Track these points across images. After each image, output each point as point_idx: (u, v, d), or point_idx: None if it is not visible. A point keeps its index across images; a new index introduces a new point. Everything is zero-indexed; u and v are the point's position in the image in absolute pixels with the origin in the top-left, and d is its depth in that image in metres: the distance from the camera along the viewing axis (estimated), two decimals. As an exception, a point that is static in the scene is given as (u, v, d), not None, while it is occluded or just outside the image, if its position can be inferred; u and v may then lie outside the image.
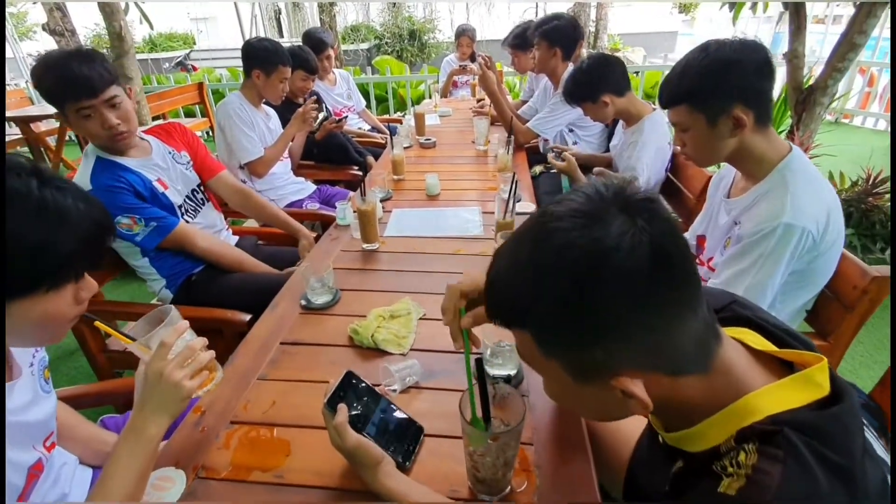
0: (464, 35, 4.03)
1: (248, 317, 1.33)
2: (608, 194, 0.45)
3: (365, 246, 1.47)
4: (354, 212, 1.52)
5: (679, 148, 1.15)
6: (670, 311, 0.44)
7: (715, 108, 1.02)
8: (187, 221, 1.54)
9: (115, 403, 1.35)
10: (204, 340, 0.77)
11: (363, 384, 0.77)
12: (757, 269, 1.01)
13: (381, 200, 1.82)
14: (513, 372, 0.91)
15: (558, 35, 2.30)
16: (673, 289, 0.44)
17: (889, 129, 3.75)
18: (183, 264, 1.55)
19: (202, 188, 1.63)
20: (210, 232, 1.63)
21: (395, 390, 0.88)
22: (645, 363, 0.45)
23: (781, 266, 1.00)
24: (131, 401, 0.75)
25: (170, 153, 1.54)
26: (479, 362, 0.68)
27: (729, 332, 0.52)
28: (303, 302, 1.18)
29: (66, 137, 4.40)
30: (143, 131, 1.52)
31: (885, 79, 4.85)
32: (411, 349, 1.01)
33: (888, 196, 2.46)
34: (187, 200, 1.56)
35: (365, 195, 1.42)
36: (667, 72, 4.17)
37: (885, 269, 1.04)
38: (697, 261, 1.38)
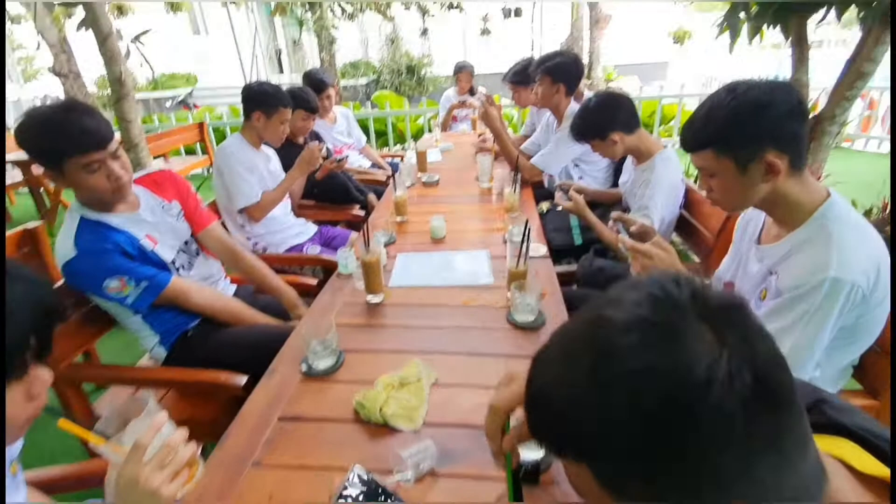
0: (463, 71, 4.06)
1: (242, 380, 1.23)
2: (682, 297, 0.36)
3: (369, 298, 1.38)
4: (357, 259, 1.45)
5: (705, 193, 1.08)
6: (778, 457, 0.34)
7: (745, 154, 0.95)
8: (182, 275, 1.46)
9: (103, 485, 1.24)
10: (184, 434, 0.68)
11: (374, 482, 0.67)
12: (802, 328, 0.92)
13: (385, 245, 1.75)
14: (540, 455, 0.81)
15: (561, 71, 2.28)
16: (781, 427, 0.34)
17: (890, 150, 3.72)
18: (178, 319, 1.45)
19: (195, 239, 1.55)
20: (207, 284, 1.54)
21: (408, 480, 0.78)
22: None
23: (829, 324, 0.91)
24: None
25: (159, 205, 1.47)
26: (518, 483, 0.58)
27: (822, 444, 0.42)
28: (303, 367, 1.09)
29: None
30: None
31: (886, 102, 4.86)
32: (424, 423, 0.91)
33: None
34: (180, 253, 1.48)
35: (369, 244, 1.34)
36: (664, 101, 4.16)
37: (941, 322, 0.95)
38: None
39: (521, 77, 2.89)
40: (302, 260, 2.06)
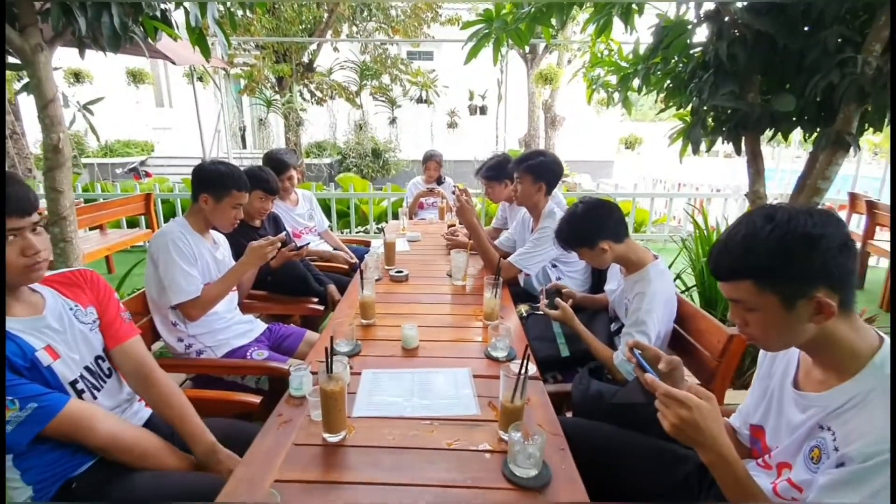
0: (431, 160, 4.07)
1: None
2: None
3: (327, 437, 1.09)
4: (314, 373, 1.17)
5: (738, 328, 0.92)
6: None
7: (792, 290, 0.81)
8: (87, 398, 1.12)
9: None
10: None
11: None
12: (883, 505, 0.73)
13: (349, 356, 1.48)
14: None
15: (543, 171, 2.24)
16: None
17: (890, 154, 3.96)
18: (62, 462, 1.08)
19: (107, 354, 1.23)
20: (116, 413, 1.20)
21: None
22: None
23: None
24: None
25: (70, 309, 1.17)
26: None
27: None
28: (228, 562, 0.77)
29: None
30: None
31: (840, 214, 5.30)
32: None
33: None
34: (86, 373, 1.15)
35: (331, 368, 1.08)
36: (618, 199, 4.29)
37: None
38: (752, 453, 1.11)
39: (494, 173, 2.86)
40: (245, 368, 1.73)
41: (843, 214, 4.85)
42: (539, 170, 2.22)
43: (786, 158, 10.39)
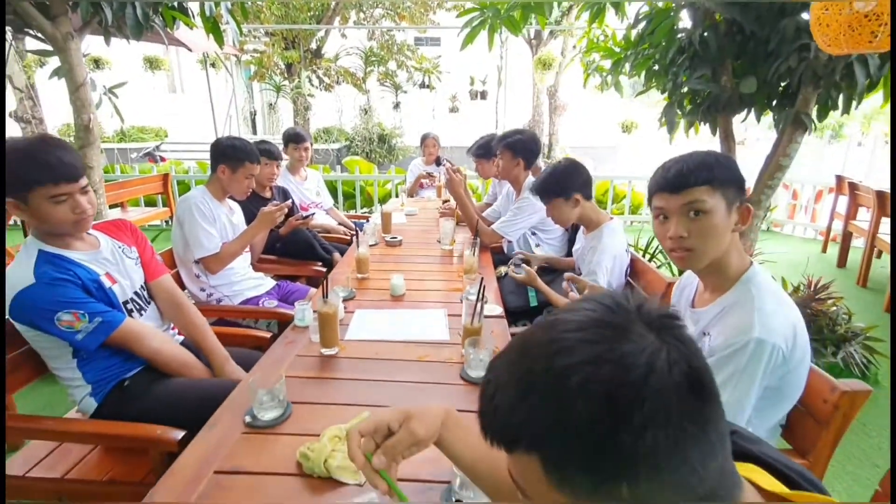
0: (428, 138, 4.30)
1: (179, 434, 1.16)
2: (630, 307, 0.41)
3: (323, 351, 1.36)
4: (314, 312, 1.44)
5: (672, 244, 1.07)
6: (704, 444, 0.38)
7: (732, 196, 1.02)
8: (135, 317, 1.41)
9: None
10: None
11: None
12: (732, 387, 0.98)
13: (344, 300, 1.75)
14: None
15: (521, 147, 2.47)
16: (707, 417, 0.39)
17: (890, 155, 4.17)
18: (116, 367, 1.37)
19: (147, 287, 1.52)
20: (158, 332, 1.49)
21: (348, 535, 0.75)
22: None
23: (756, 383, 0.98)
24: None
25: (119, 247, 1.46)
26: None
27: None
28: (247, 419, 1.05)
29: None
30: (92, 226, 1.43)
31: (808, 194, 5.47)
32: (369, 478, 0.88)
33: (830, 301, 2.61)
34: (135, 297, 1.44)
35: (327, 296, 1.35)
36: (616, 182, 4.45)
37: (853, 384, 1.04)
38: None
39: (483, 151, 3.10)
40: (257, 313, 2.02)
41: (831, 197, 5.01)
42: (517, 146, 2.46)
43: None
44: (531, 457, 0.41)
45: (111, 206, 5.12)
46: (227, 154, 2.04)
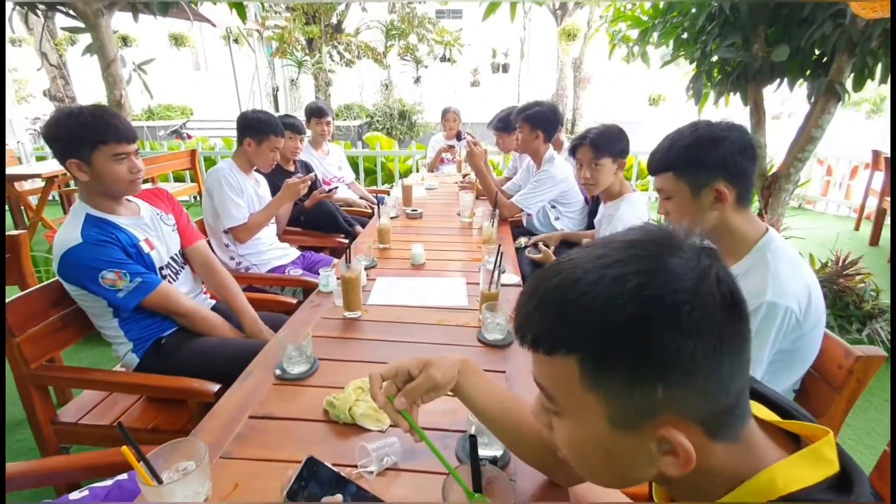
0: (449, 113, 4.28)
1: (216, 387, 1.25)
2: (676, 231, 0.45)
3: (347, 314, 1.43)
4: (338, 278, 1.51)
5: (662, 217, 1.18)
6: (735, 360, 0.42)
7: (699, 180, 1.06)
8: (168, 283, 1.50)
9: (57, 483, 1.22)
10: None
11: (328, 470, 0.70)
12: (744, 348, 1.00)
13: (366, 269, 1.81)
14: (499, 453, 0.86)
15: (540, 119, 2.45)
16: (743, 336, 0.43)
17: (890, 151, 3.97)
18: (153, 327, 1.47)
19: (182, 253, 1.61)
20: (189, 297, 1.58)
21: (371, 472, 0.81)
22: (695, 414, 0.42)
23: (768, 345, 0.99)
24: (74, 481, 0.68)
25: (157, 214, 1.54)
26: (473, 439, 0.64)
27: None
28: (277, 371, 1.12)
29: (49, 197, 4.38)
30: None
31: (843, 169, 5.25)
32: (391, 425, 0.95)
33: (859, 278, 2.55)
34: (171, 261, 1.53)
35: (350, 262, 1.41)
36: (641, 157, 4.36)
37: (868, 349, 1.04)
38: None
39: (504, 124, 3.08)
40: (283, 281, 2.10)
41: (867, 172, 4.81)
42: (536, 118, 2.44)
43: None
44: (569, 359, 0.43)
45: (143, 182, 5.33)
46: (253, 127, 2.10)
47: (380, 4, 11.05)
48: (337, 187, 2.90)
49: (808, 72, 2.69)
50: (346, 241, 2.65)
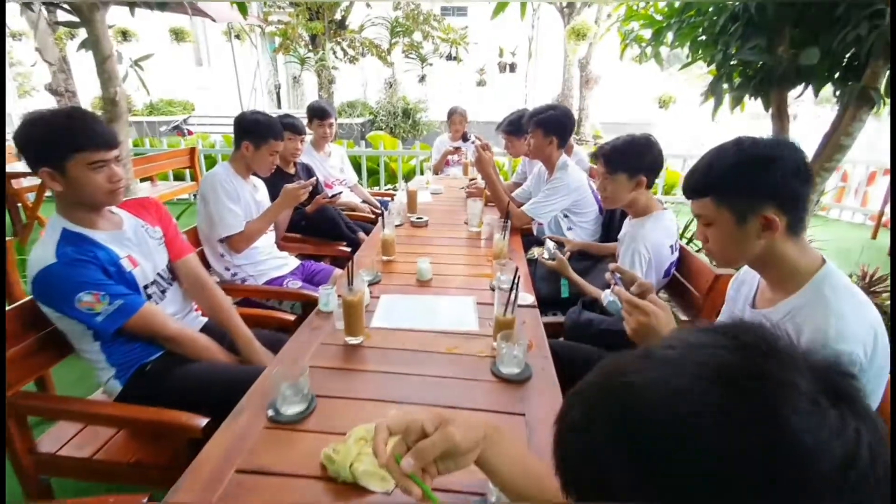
0: (455, 114, 4.15)
1: (203, 422, 1.14)
2: (781, 345, 0.31)
3: (348, 339, 1.31)
4: (339, 295, 1.39)
5: (702, 243, 1.06)
6: None
7: (744, 206, 0.93)
8: (154, 302, 1.38)
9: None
10: None
11: None
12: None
13: (370, 284, 1.69)
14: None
15: (553, 124, 2.33)
16: None
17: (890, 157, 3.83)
18: (137, 351, 1.36)
19: (170, 267, 1.49)
20: (177, 317, 1.46)
21: (375, 552, 0.69)
22: None
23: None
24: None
25: (142, 227, 1.42)
26: None
27: None
28: (270, 412, 1.00)
29: (45, 195, 4.29)
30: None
31: (860, 175, 5.09)
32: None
33: (886, 295, 2.42)
34: (157, 280, 1.41)
35: (352, 283, 1.29)
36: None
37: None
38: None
39: (514, 127, 2.95)
40: (281, 294, 1.98)
41: (885, 179, 4.67)
42: (549, 123, 2.31)
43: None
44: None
45: (141, 181, 5.21)
46: (251, 130, 1.98)
47: (384, 1, 10.90)
48: (341, 192, 2.77)
49: (836, 76, 2.56)
50: (349, 249, 2.53)
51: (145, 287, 1.36)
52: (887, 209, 4.57)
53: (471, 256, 2.06)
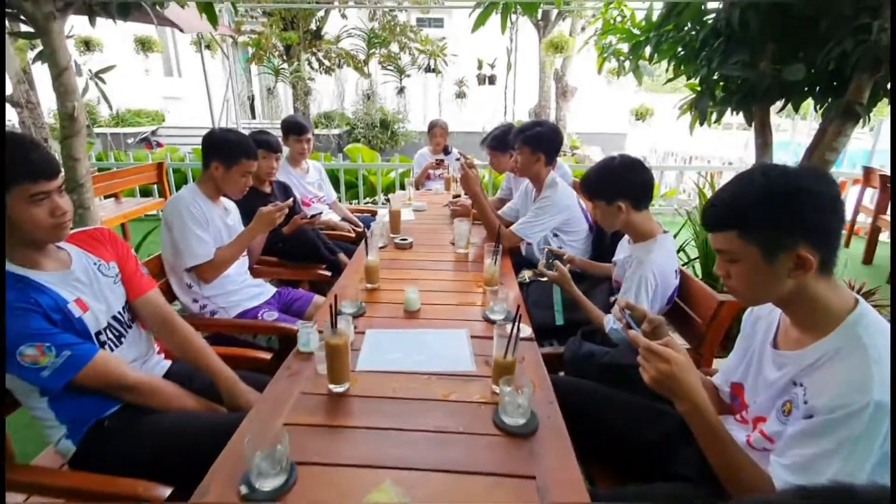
0: (436, 127, 4.06)
1: (167, 492, 0.99)
2: None
3: (333, 388, 1.17)
4: (320, 331, 1.26)
5: (722, 278, 0.97)
6: None
7: (774, 243, 0.85)
8: (108, 350, 1.22)
9: None
10: None
11: None
12: (845, 457, 0.79)
13: (353, 317, 1.56)
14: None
15: (541, 141, 2.25)
16: None
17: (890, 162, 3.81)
18: (92, 406, 1.19)
19: (129, 307, 1.32)
20: (136, 364, 1.29)
21: None
22: None
23: (875, 450, 0.79)
24: None
25: (94, 264, 1.25)
26: None
27: None
28: (243, 489, 0.86)
29: None
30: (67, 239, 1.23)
31: (853, 189, 5.06)
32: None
33: (885, 305, 2.41)
34: (112, 324, 1.24)
35: (335, 322, 1.15)
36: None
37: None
38: (731, 409, 1.17)
39: (498, 143, 2.87)
40: (256, 327, 1.83)
41: (856, 189, 4.78)
42: (537, 140, 2.23)
43: (802, 131, 10.15)
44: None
45: (106, 197, 4.93)
46: (221, 149, 1.83)
47: (360, 11, 10.81)
48: (321, 213, 2.63)
49: (817, 90, 2.57)
50: (329, 273, 2.38)
51: (98, 333, 1.20)
52: (859, 217, 4.68)
53: (460, 282, 1.95)
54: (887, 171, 4.27)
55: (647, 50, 3.20)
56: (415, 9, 11.07)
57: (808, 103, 2.77)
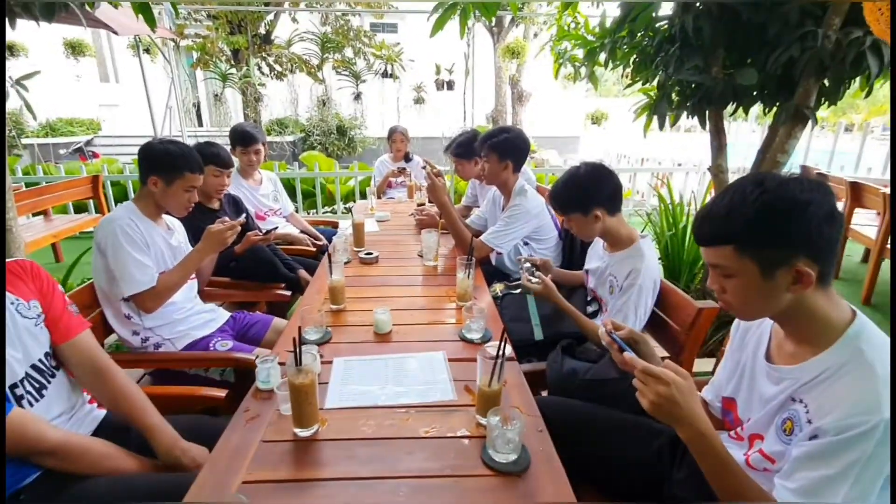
0: (396, 133, 3.96)
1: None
2: None
3: (299, 432, 1.04)
4: (282, 365, 1.13)
5: (715, 294, 0.92)
6: None
7: (772, 258, 0.81)
8: (25, 406, 1.03)
9: None
10: None
11: None
12: (854, 479, 0.75)
13: (319, 344, 1.43)
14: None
15: (508, 148, 2.20)
16: None
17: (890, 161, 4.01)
18: (6, 475, 1.00)
19: (54, 352, 1.13)
20: (61, 420, 1.11)
21: None
22: None
23: (883, 472, 0.75)
24: None
25: (11, 304, 1.06)
26: None
27: None
28: (194, 574, 0.72)
29: None
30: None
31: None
32: None
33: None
34: (31, 374, 1.05)
35: (300, 357, 1.03)
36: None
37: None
38: (724, 425, 1.13)
39: (464, 150, 2.80)
40: (208, 360, 1.65)
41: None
42: (504, 147, 2.17)
43: (743, 132, 10.75)
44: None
45: (34, 214, 4.48)
46: (161, 163, 1.65)
47: (312, 15, 10.53)
48: (276, 228, 2.46)
49: (765, 93, 2.66)
50: (288, 292, 2.22)
51: (13, 387, 1.01)
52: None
53: (431, 297, 1.84)
54: (821, 169, 4.52)
55: (602, 56, 3.23)
56: (368, 13, 10.92)
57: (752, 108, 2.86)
